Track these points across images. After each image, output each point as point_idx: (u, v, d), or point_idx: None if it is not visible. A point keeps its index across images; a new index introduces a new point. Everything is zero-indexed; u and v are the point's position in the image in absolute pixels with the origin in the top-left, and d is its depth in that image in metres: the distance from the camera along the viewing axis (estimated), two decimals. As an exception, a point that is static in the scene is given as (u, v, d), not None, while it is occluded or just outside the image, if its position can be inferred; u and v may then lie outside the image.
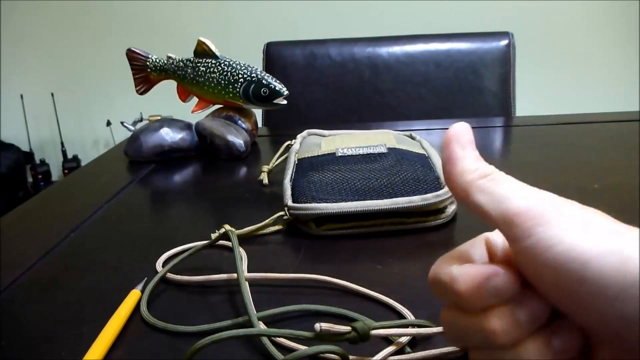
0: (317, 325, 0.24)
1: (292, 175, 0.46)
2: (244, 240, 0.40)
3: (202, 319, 0.31)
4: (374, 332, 0.25)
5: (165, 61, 0.68)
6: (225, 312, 0.32)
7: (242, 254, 0.38)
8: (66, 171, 2.29)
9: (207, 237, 0.41)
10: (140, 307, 0.33)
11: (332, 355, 0.26)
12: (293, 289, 0.34)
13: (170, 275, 0.36)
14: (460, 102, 1.04)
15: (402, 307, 0.31)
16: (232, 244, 0.36)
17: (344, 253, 0.39)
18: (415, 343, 0.28)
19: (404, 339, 0.27)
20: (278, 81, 0.63)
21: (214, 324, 0.30)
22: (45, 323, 0.32)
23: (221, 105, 0.68)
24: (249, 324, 0.29)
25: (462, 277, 0.19)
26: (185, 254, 0.38)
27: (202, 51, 0.65)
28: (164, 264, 0.38)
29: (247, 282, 0.33)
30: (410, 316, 0.30)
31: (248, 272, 0.36)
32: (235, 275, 0.34)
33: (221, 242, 0.40)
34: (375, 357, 0.26)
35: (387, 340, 0.28)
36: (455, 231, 0.41)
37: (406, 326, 0.28)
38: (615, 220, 0.18)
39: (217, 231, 0.41)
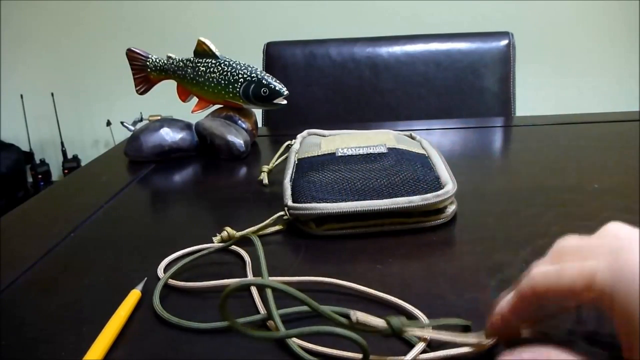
0: (353, 316, 0.23)
1: (292, 175, 0.46)
2: (244, 240, 0.40)
3: (209, 319, 0.31)
4: (407, 329, 0.25)
5: (165, 61, 0.68)
6: (234, 312, 0.32)
7: (245, 256, 0.38)
8: (66, 171, 2.29)
9: (207, 238, 0.41)
10: (153, 301, 0.32)
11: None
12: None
13: (179, 283, 0.35)
14: (460, 102, 1.04)
15: (412, 307, 0.31)
16: (257, 248, 0.36)
17: (344, 253, 0.39)
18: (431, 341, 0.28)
19: (428, 338, 0.27)
20: (278, 81, 0.63)
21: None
22: (45, 323, 0.32)
23: (221, 105, 0.68)
24: (267, 321, 0.30)
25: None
26: (193, 256, 0.37)
27: (202, 51, 0.65)
28: (167, 267, 0.38)
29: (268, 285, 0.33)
30: (423, 317, 0.30)
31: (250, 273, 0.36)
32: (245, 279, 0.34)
33: (224, 244, 0.40)
34: (406, 357, 0.26)
35: (401, 339, 0.28)
36: (455, 231, 0.41)
37: (435, 326, 0.28)
38: None
39: (218, 234, 0.41)
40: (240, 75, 0.63)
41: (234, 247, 0.40)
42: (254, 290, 0.33)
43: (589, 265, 0.21)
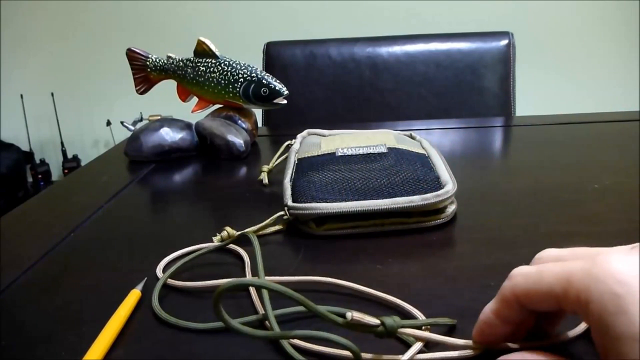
0: (349, 314, 0.23)
1: (292, 175, 0.46)
2: (243, 240, 0.40)
3: (208, 319, 0.31)
4: (401, 330, 0.25)
5: (165, 61, 0.68)
6: (232, 313, 0.32)
7: (244, 256, 0.38)
8: (66, 171, 2.29)
9: (207, 238, 0.41)
10: (152, 302, 0.33)
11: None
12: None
13: (178, 283, 0.35)
14: (460, 102, 1.04)
15: (411, 307, 0.30)
16: (254, 247, 0.36)
17: (344, 253, 0.39)
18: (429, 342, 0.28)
19: (425, 339, 0.27)
20: (278, 81, 0.63)
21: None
22: (45, 323, 0.32)
23: (221, 105, 0.68)
24: (264, 321, 0.30)
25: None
26: (191, 256, 0.37)
27: (202, 51, 0.65)
28: (166, 266, 0.38)
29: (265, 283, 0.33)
30: (420, 316, 0.30)
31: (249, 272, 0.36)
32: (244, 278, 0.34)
33: (222, 243, 0.40)
34: (404, 357, 0.26)
35: (397, 339, 0.28)
36: (455, 231, 0.41)
37: (429, 327, 0.28)
38: None
39: (218, 234, 0.41)
40: (240, 75, 0.63)
41: (234, 247, 0.40)
42: (252, 290, 0.33)
43: (567, 266, 0.21)
